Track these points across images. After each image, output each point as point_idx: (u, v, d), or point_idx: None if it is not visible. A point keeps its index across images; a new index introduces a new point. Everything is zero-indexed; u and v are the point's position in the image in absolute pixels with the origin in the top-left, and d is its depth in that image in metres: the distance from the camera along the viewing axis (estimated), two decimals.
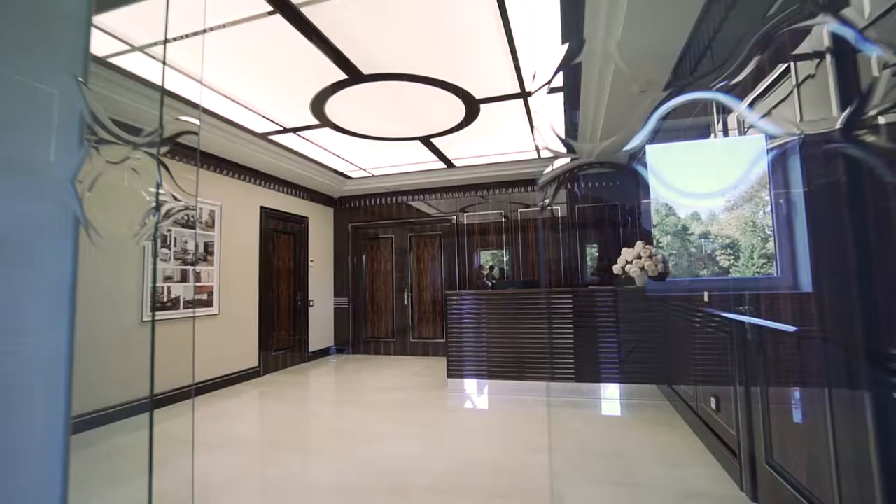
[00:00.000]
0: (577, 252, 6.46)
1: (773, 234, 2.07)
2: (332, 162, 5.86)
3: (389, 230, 7.34)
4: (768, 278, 2.12)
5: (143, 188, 1.49)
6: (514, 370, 4.44)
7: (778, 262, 1.97)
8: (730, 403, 2.55)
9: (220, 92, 3.66)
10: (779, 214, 2.00)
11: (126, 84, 3.31)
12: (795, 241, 1.78)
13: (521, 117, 4.39)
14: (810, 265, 1.65)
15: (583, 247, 6.44)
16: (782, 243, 1.91)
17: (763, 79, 1.98)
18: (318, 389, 4.99)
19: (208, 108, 3.96)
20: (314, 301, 6.81)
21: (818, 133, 1.61)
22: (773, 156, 1.97)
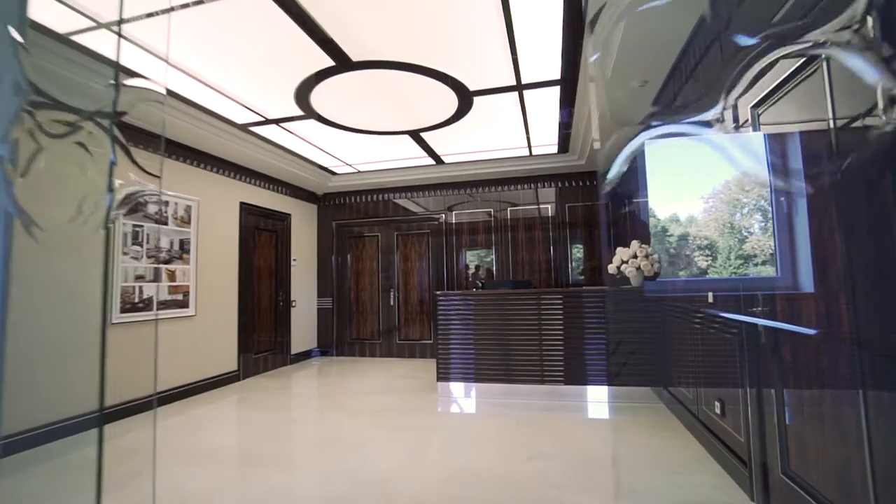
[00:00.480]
0: (568, 252, 6.36)
1: (774, 232, 1.97)
2: (316, 156, 5.63)
3: (375, 228, 7.14)
4: (773, 279, 2.02)
5: (100, 174, 1.28)
6: (506, 373, 4.29)
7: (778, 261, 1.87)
8: (737, 408, 2.45)
9: (197, 77, 3.42)
10: (779, 213, 1.90)
11: (85, 63, 3.05)
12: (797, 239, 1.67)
13: (516, 111, 4.24)
14: (812, 264, 1.54)
15: (572, 247, 6.35)
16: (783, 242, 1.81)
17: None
18: (301, 394, 4.77)
19: (184, 95, 3.71)
20: (296, 301, 6.56)
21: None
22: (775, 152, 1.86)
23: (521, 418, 3.66)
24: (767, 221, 2.13)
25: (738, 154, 2.38)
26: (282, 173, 5.92)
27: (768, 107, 1.98)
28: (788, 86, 1.80)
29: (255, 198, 5.76)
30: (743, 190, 2.44)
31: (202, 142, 4.54)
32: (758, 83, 2.01)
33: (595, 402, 4.09)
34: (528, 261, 6.49)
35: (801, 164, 1.78)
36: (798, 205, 1.79)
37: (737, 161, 2.41)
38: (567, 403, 4.07)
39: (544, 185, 6.46)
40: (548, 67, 3.44)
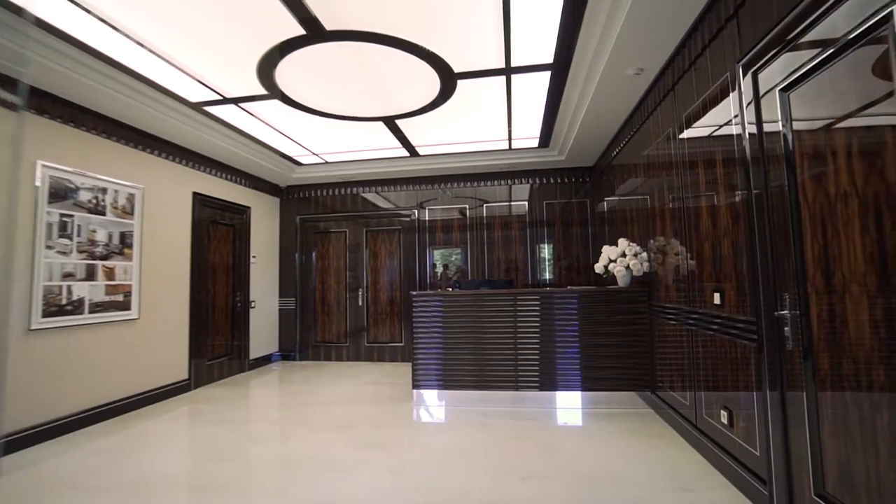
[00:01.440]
0: (546, 251, 6.17)
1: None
2: (279, 144, 5.16)
3: (343, 224, 6.71)
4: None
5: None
6: (487, 380, 4.01)
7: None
8: (751, 419, 2.25)
9: (138, 40, 2.93)
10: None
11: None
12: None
13: (501, 98, 3.96)
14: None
15: (550, 245, 6.16)
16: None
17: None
18: (261, 405, 4.31)
19: (123, 62, 3.20)
20: (256, 302, 6.05)
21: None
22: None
23: (506, 429, 3.39)
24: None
25: None
26: (241, 162, 5.40)
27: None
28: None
29: (211, 188, 5.22)
30: None
31: (149, 122, 4.00)
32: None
33: (580, 409, 3.87)
34: (505, 260, 6.26)
35: None
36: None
37: None
38: (551, 410, 3.84)
39: (522, 181, 6.24)
40: (541, 49, 3.18)
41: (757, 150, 2.10)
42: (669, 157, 3.23)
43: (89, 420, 3.56)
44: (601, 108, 3.86)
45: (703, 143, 2.69)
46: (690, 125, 2.86)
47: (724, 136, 2.43)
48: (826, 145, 1.68)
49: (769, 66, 1.99)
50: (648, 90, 3.52)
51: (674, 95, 3.12)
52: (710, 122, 2.60)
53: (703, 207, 2.72)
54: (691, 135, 2.85)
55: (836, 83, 1.62)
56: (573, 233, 6.11)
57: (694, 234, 2.88)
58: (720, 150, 2.49)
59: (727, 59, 2.38)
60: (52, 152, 3.35)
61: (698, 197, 2.79)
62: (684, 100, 2.94)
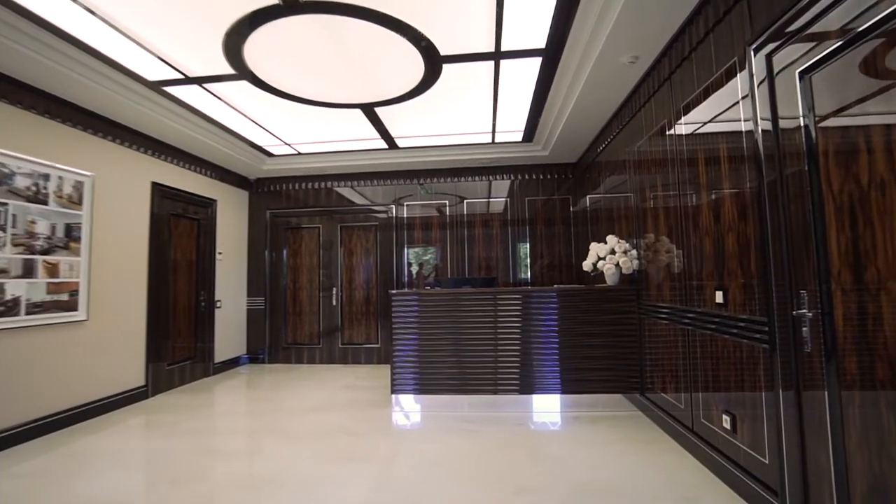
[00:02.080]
0: (528, 249, 6.01)
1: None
2: (249, 131, 4.81)
3: (316, 220, 6.38)
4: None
5: None
6: (472, 384, 3.80)
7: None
8: (758, 425, 2.12)
9: (89, 7, 2.59)
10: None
11: None
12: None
13: (487, 85, 3.75)
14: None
15: (532, 243, 6.01)
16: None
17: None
18: (225, 413, 3.97)
19: (70, 32, 2.83)
20: (222, 301, 5.66)
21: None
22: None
23: (492, 436, 3.19)
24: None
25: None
26: (206, 151, 5.01)
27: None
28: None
29: (173, 178, 4.82)
30: None
31: (100, 102, 3.61)
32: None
33: (566, 412, 3.71)
34: (485, 258, 6.07)
35: None
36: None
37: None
38: (536, 415, 3.66)
39: (504, 177, 6.06)
40: (533, 33, 2.98)
41: (770, 138, 1.96)
42: (664, 150, 3.10)
43: (23, 436, 3.15)
44: (591, 99, 3.71)
45: (705, 133, 2.55)
46: (689, 115, 2.72)
47: (730, 125, 2.29)
48: (858, 128, 1.54)
49: (786, 48, 1.85)
50: (642, 80, 3.39)
51: (670, 85, 2.98)
52: (712, 110, 2.47)
53: (704, 201, 2.59)
54: (690, 125, 2.72)
55: (871, 60, 1.48)
56: (555, 230, 5.98)
57: (692, 230, 2.74)
58: (725, 139, 2.35)
59: (735, 42, 2.24)
60: None
61: (698, 190, 2.66)
62: (682, 89, 2.81)
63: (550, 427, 3.38)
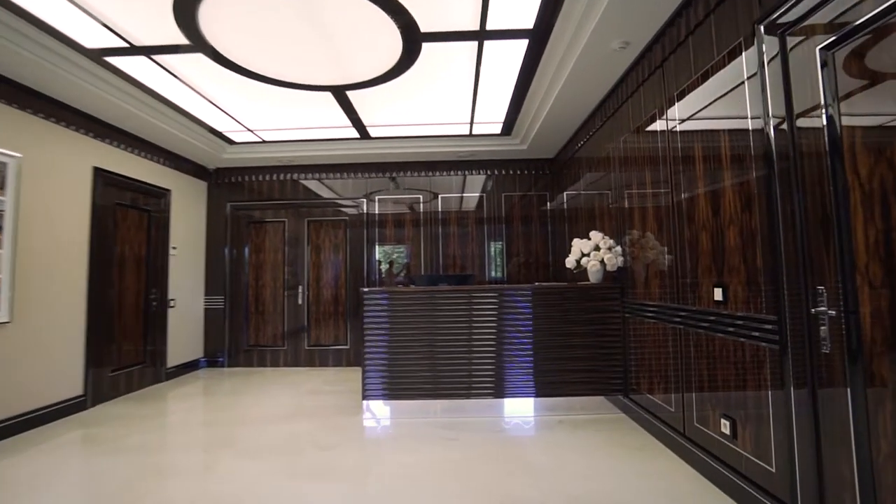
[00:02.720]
0: (505, 246, 5.83)
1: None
2: (207, 114, 4.40)
3: (281, 213, 5.99)
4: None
5: None
6: (449, 388, 3.57)
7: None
8: (763, 430, 1.98)
9: None
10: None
11: None
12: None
13: (469, 69, 3.52)
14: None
15: (509, 240, 5.83)
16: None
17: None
18: (178, 424, 3.58)
19: None
20: (176, 300, 5.21)
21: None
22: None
23: (474, 445, 2.96)
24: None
25: None
26: (159, 134, 4.57)
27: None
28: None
29: (119, 164, 4.36)
30: None
31: (29, 72, 3.16)
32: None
33: (548, 416, 3.54)
34: (460, 255, 5.86)
35: None
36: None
37: None
38: (518, 420, 3.47)
39: (480, 172, 5.86)
40: (522, 11, 2.78)
41: (783, 123, 1.82)
42: (654, 142, 2.96)
43: None
44: (576, 88, 3.54)
45: (702, 120, 2.41)
46: (684, 102, 2.58)
47: (733, 111, 2.15)
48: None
49: (805, 22, 1.71)
50: (630, 68, 3.24)
51: (663, 72, 2.84)
52: (712, 95, 2.32)
53: (701, 193, 2.45)
54: (685, 113, 2.58)
55: None
56: (532, 227, 5.83)
57: (686, 225, 2.60)
58: (727, 126, 2.21)
59: (740, 23, 2.10)
60: None
61: (693, 181, 2.52)
62: (677, 75, 2.66)
63: (533, 433, 3.19)
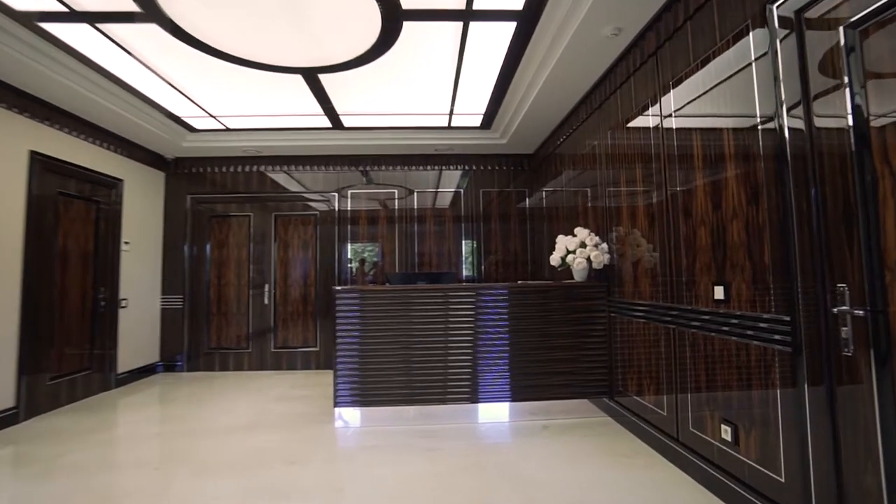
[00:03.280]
0: (483, 243, 5.66)
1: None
2: (164, 97, 4.03)
3: (246, 207, 5.62)
4: None
5: None
6: (427, 393, 3.35)
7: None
8: (771, 437, 1.86)
9: None
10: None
11: None
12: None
13: (451, 53, 3.31)
14: None
15: (488, 237, 5.67)
16: None
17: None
18: (127, 438, 3.22)
19: None
20: (129, 300, 4.78)
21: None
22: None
23: (456, 455, 2.76)
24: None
25: None
26: (109, 118, 4.15)
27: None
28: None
29: (62, 150, 3.93)
30: None
31: None
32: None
33: (531, 421, 3.38)
34: (436, 253, 5.65)
35: None
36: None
37: None
38: (500, 426, 3.29)
39: (458, 167, 5.67)
40: None
41: (796, 108, 1.69)
42: (645, 134, 2.83)
43: None
44: (563, 77, 3.39)
45: (702, 109, 2.28)
46: (680, 90, 2.45)
47: (737, 98, 2.03)
48: None
49: None
50: (621, 57, 3.10)
51: (657, 60, 2.71)
52: (712, 81, 2.20)
53: (699, 185, 2.32)
54: (682, 102, 2.45)
55: None
56: (510, 224, 5.69)
57: (682, 219, 2.48)
58: (730, 114, 2.09)
59: (747, 3, 1.97)
60: None
61: (691, 173, 2.39)
62: (673, 63, 2.54)
63: (517, 439, 3.01)
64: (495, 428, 3.23)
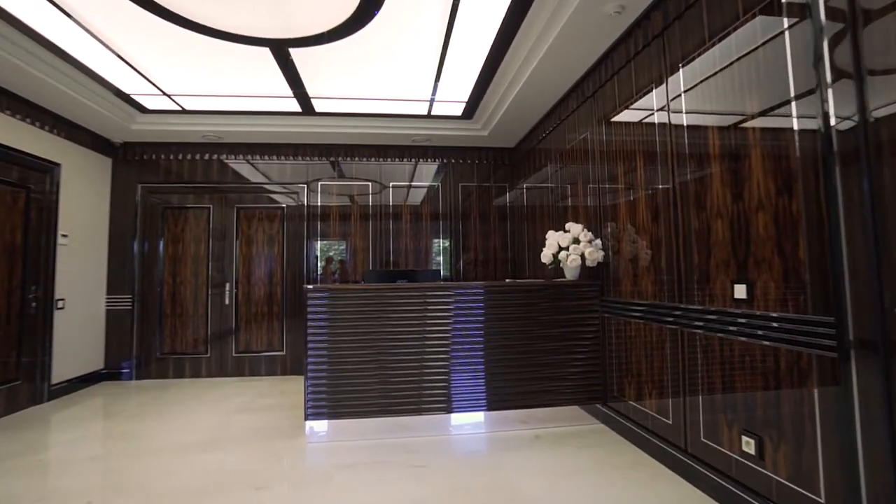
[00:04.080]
0: (462, 240, 5.40)
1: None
2: (111, 70, 3.54)
3: (205, 199, 5.14)
4: None
5: None
6: (410, 403, 3.05)
7: None
8: (805, 449, 1.67)
9: None
10: None
11: None
12: None
13: (438, 30, 3.03)
14: None
15: (466, 234, 5.41)
16: None
17: None
18: (58, 463, 2.74)
19: None
20: (67, 300, 4.23)
21: None
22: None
23: (446, 473, 2.47)
24: None
25: None
26: (42, 92, 3.62)
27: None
28: None
29: None
30: None
31: None
32: None
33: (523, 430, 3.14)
34: (413, 249, 5.35)
35: None
36: None
37: None
38: (490, 436, 3.03)
39: (435, 159, 5.38)
40: None
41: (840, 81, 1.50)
42: (648, 121, 2.63)
43: None
44: (556, 61, 3.16)
45: (718, 87, 2.08)
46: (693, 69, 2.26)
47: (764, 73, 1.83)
48: None
49: None
50: (621, 39, 2.90)
51: (663, 41, 2.51)
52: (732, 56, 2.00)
53: (715, 174, 2.13)
54: (694, 81, 2.26)
55: None
56: (490, 220, 5.45)
57: (693, 212, 2.29)
58: (754, 90, 1.89)
59: None
60: None
61: (703, 160, 2.20)
62: (683, 42, 2.34)
63: (510, 452, 2.75)
64: (482, 438, 2.96)
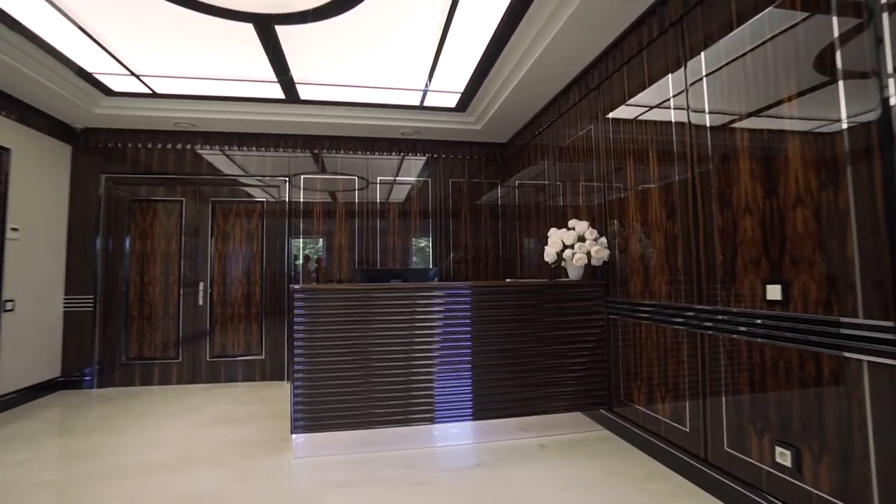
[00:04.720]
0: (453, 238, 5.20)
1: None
2: (69, 44, 3.19)
3: (177, 191, 4.78)
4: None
5: None
6: (409, 413, 2.82)
7: None
8: (854, 464, 1.54)
9: None
10: None
11: None
12: None
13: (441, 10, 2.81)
14: None
15: (457, 231, 5.21)
16: None
17: None
18: (1, 489, 2.41)
19: None
20: (17, 301, 3.82)
21: None
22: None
23: (451, 490, 2.26)
24: None
25: None
26: None
27: None
28: None
29: None
30: None
31: None
32: None
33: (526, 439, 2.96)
34: (402, 248, 5.12)
35: None
36: None
37: None
38: (494, 446, 2.84)
39: (425, 154, 5.16)
40: None
41: None
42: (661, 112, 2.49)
43: None
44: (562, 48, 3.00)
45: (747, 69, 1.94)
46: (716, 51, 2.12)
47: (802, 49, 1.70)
48: None
49: None
50: (633, 26, 2.75)
51: (681, 28, 2.37)
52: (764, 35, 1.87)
53: (743, 169, 1.99)
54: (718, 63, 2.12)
55: None
56: (482, 217, 5.27)
57: (717, 209, 2.15)
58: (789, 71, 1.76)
59: None
60: None
61: (731, 153, 2.06)
62: (707, 24, 2.20)
63: (518, 464, 2.57)
64: (484, 449, 2.77)
